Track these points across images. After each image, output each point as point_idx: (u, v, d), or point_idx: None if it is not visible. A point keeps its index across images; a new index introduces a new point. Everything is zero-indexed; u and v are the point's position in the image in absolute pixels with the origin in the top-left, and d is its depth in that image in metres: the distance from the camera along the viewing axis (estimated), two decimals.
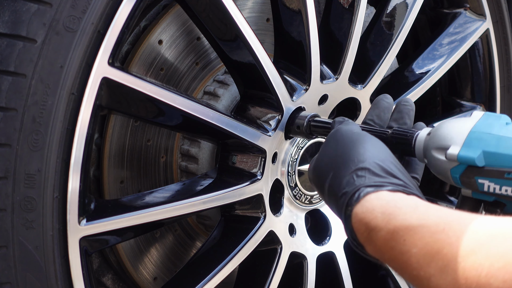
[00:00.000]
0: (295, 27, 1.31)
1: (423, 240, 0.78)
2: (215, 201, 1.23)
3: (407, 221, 0.81)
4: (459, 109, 1.81)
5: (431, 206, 0.83)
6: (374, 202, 0.88)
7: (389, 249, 0.83)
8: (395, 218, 0.83)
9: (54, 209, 1.00)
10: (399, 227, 0.81)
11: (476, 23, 1.69)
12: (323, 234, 1.49)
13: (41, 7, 0.96)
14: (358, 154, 0.96)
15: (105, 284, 1.46)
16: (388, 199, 0.87)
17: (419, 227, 0.79)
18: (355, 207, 0.89)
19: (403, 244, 0.80)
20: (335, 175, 0.97)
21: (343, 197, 0.93)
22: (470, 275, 0.71)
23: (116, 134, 1.35)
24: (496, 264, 0.69)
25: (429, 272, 0.76)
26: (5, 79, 0.95)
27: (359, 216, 0.88)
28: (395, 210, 0.84)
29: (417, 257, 0.78)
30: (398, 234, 0.81)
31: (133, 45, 1.36)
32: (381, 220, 0.84)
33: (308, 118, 1.28)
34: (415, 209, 0.83)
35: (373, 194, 0.89)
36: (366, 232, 0.87)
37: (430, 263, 0.76)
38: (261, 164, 1.30)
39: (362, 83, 1.46)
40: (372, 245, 0.86)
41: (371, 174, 0.92)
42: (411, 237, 0.80)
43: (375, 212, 0.86)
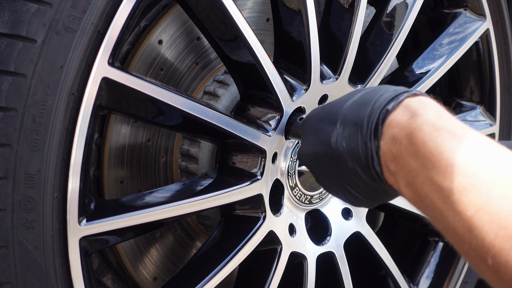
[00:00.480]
0: (295, 27, 1.31)
1: (461, 150, 0.76)
2: (215, 201, 1.23)
3: (455, 129, 0.79)
4: (459, 109, 1.81)
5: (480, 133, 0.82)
6: (429, 100, 0.86)
7: (420, 141, 0.80)
8: (445, 121, 0.81)
9: (54, 209, 1.00)
10: (445, 128, 0.79)
11: (476, 23, 1.69)
12: (323, 234, 1.49)
13: (41, 7, 0.96)
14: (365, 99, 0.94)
15: (105, 284, 1.46)
16: (444, 108, 0.86)
17: (462, 138, 0.78)
18: (409, 97, 0.87)
19: (439, 144, 0.78)
20: (374, 90, 0.93)
21: (391, 92, 0.89)
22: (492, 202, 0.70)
23: (116, 134, 1.35)
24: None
25: (453, 184, 0.74)
26: (5, 79, 0.95)
27: (411, 102, 0.85)
28: (447, 116, 0.83)
29: (447, 163, 0.76)
30: (439, 133, 0.79)
31: (133, 45, 1.36)
32: (431, 114, 0.82)
33: None
34: (465, 126, 0.82)
35: (428, 98, 0.87)
36: (409, 115, 0.84)
37: (458, 175, 0.74)
38: (261, 164, 1.30)
39: (362, 83, 1.46)
40: (404, 131, 0.83)
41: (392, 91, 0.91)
42: (451, 142, 0.77)
43: (429, 106, 0.84)
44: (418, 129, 0.81)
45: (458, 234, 0.73)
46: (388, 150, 0.86)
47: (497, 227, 0.69)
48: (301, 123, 1.16)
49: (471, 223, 0.71)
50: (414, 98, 0.88)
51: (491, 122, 1.78)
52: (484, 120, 1.78)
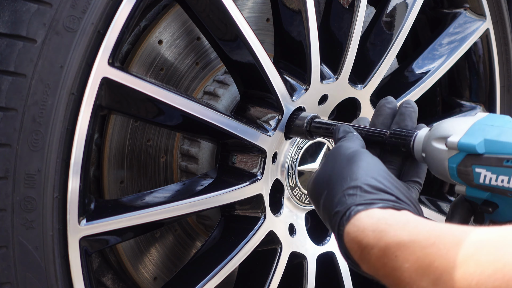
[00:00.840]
0: (295, 27, 1.31)
1: (414, 255, 0.79)
2: (215, 201, 1.23)
3: (398, 237, 0.82)
4: (459, 109, 1.81)
5: (421, 221, 0.85)
6: (364, 221, 0.89)
7: (382, 266, 0.84)
8: (386, 235, 0.84)
9: (54, 209, 1.00)
10: (390, 243, 0.82)
11: (476, 23, 1.69)
12: (323, 234, 1.49)
13: (41, 7, 0.96)
14: (351, 172, 0.98)
15: (105, 284, 1.46)
16: (378, 216, 0.88)
17: (409, 243, 0.80)
18: (346, 226, 0.91)
19: (395, 260, 0.81)
20: (329, 193, 0.98)
21: (335, 216, 0.94)
22: (461, 285, 0.72)
23: (116, 134, 1.35)
24: (486, 272, 0.70)
25: (422, 286, 0.77)
26: (5, 79, 0.95)
27: (351, 235, 0.89)
28: (385, 228, 0.85)
29: (409, 272, 0.79)
30: (389, 251, 0.82)
31: (133, 45, 1.36)
32: (372, 238, 0.86)
33: (308, 119, 1.28)
34: (405, 224, 0.84)
35: (364, 213, 0.90)
36: (359, 250, 0.88)
37: (423, 277, 0.77)
38: (261, 164, 1.30)
39: (362, 83, 1.46)
40: (366, 263, 0.87)
41: (362, 192, 0.94)
42: (402, 253, 0.81)
43: (366, 230, 0.87)
44: (373, 259, 0.85)
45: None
46: (368, 272, 0.90)
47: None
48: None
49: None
50: (350, 226, 0.90)
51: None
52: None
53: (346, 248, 0.91)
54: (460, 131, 0.96)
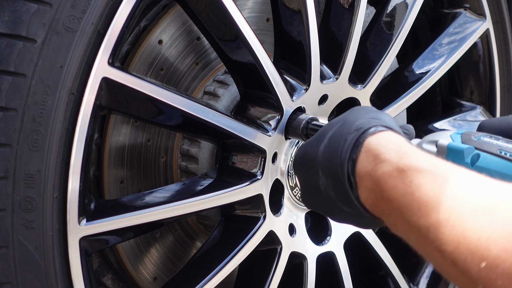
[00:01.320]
0: (295, 27, 1.31)
1: (430, 186, 0.76)
2: (215, 201, 1.23)
3: (419, 164, 0.79)
4: (459, 109, 1.81)
5: (443, 160, 0.82)
6: (390, 138, 0.86)
7: (391, 187, 0.80)
8: (408, 158, 0.81)
9: (54, 209, 1.00)
10: (409, 166, 0.79)
11: (476, 23, 1.69)
12: (323, 234, 1.49)
13: (41, 7, 0.96)
14: (375, 111, 0.95)
15: (105, 284, 1.46)
16: (403, 140, 0.85)
17: (428, 172, 0.77)
18: (369, 137, 0.87)
19: (408, 185, 0.78)
20: (345, 123, 0.93)
21: (354, 132, 0.89)
22: (469, 235, 0.69)
23: (116, 134, 1.35)
24: (498, 232, 0.67)
25: (428, 222, 0.73)
26: (5, 79, 0.95)
27: (372, 146, 0.85)
28: (408, 151, 0.82)
29: (420, 202, 0.75)
30: (406, 174, 0.79)
31: (133, 45, 1.36)
32: (393, 156, 0.82)
33: (305, 121, 1.27)
34: (428, 156, 0.81)
35: (390, 132, 0.87)
36: (373, 163, 0.84)
37: (431, 213, 0.74)
38: (261, 164, 1.30)
39: (362, 83, 1.46)
40: (373, 181, 0.84)
41: (387, 123, 0.91)
42: (418, 180, 0.77)
43: (389, 146, 0.84)
44: (385, 175, 0.82)
45: (445, 270, 0.73)
46: (368, 198, 0.87)
47: (478, 259, 0.68)
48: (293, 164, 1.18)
49: (453, 258, 0.70)
50: (373, 138, 0.87)
51: None
52: None
53: (356, 160, 0.86)
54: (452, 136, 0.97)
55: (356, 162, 0.87)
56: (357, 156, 0.87)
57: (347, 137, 0.90)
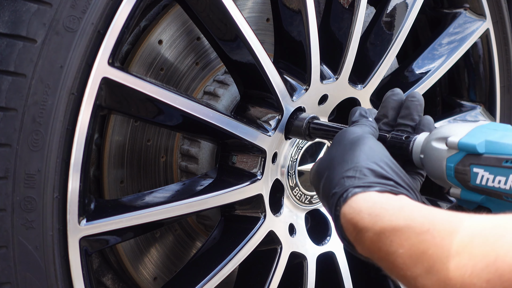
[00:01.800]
0: (295, 27, 1.31)
1: (409, 241, 0.79)
2: (215, 201, 1.23)
3: (393, 222, 0.82)
4: (459, 109, 1.81)
5: (417, 206, 0.84)
6: (361, 203, 0.90)
7: (376, 249, 0.84)
8: (382, 220, 0.84)
9: (54, 209, 1.00)
10: (385, 228, 0.83)
11: (476, 23, 1.69)
12: (323, 234, 1.49)
13: (41, 7, 0.96)
14: (353, 156, 0.98)
15: (105, 284, 1.46)
16: (375, 200, 0.89)
17: (405, 228, 0.81)
18: (343, 207, 0.91)
19: (389, 245, 0.81)
20: (329, 175, 0.99)
21: (333, 197, 0.94)
22: (454, 276, 0.72)
23: (116, 134, 1.35)
24: (479, 265, 0.70)
25: (415, 272, 0.77)
26: (5, 79, 0.95)
27: (347, 216, 0.90)
28: (381, 212, 0.86)
29: (404, 257, 0.79)
30: (384, 235, 0.82)
31: (133, 45, 1.36)
32: (368, 221, 0.86)
33: (307, 120, 1.27)
34: (400, 209, 0.84)
35: (361, 195, 0.91)
36: (355, 232, 0.88)
37: (416, 264, 0.77)
38: (261, 164, 1.30)
39: (362, 83, 1.46)
40: (361, 245, 0.88)
41: (361, 175, 0.94)
42: (397, 238, 0.81)
43: (362, 213, 0.88)
44: (368, 241, 0.86)
45: None
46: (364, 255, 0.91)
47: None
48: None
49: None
50: (346, 207, 0.91)
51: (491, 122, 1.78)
52: (484, 120, 1.78)
53: (342, 228, 0.91)
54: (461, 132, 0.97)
55: (343, 230, 0.92)
56: (341, 225, 0.92)
57: (329, 201, 0.96)
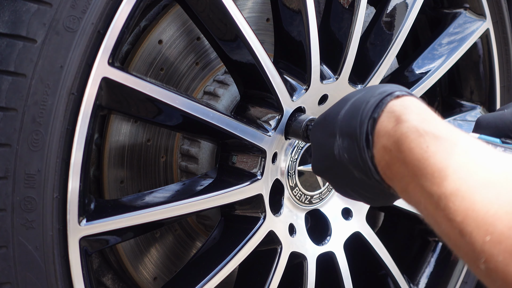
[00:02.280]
0: (295, 27, 1.31)
1: (446, 154, 0.77)
2: (215, 201, 1.23)
3: (438, 131, 0.80)
4: (459, 109, 1.81)
5: (461, 131, 0.82)
6: (413, 102, 0.87)
7: (407, 149, 0.81)
8: (428, 123, 0.82)
9: (54, 209, 1.00)
10: (428, 132, 0.80)
11: (476, 23, 1.69)
12: (323, 234, 1.49)
13: (41, 7, 0.96)
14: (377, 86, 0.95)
15: (105, 284, 1.46)
16: (425, 107, 0.86)
17: (446, 141, 0.78)
18: (393, 100, 0.88)
19: (425, 150, 0.79)
20: (369, 91, 0.94)
21: (378, 95, 0.90)
22: (478, 208, 0.70)
23: (116, 134, 1.35)
24: (505, 208, 0.68)
25: (440, 190, 0.74)
26: (5, 79, 0.95)
27: (395, 107, 0.86)
28: (430, 117, 0.83)
29: (434, 169, 0.76)
30: (424, 138, 0.80)
31: (133, 45, 1.36)
32: (415, 119, 0.83)
33: (305, 122, 1.27)
34: (448, 125, 0.83)
35: (413, 98, 0.88)
36: (394, 123, 0.85)
37: (444, 181, 0.75)
38: (261, 164, 1.30)
39: (362, 83, 1.46)
40: (391, 140, 0.84)
41: (411, 93, 0.91)
42: (435, 147, 0.78)
43: (411, 109, 0.85)
44: (404, 136, 0.82)
45: (451, 239, 0.74)
46: (382, 159, 0.87)
47: (484, 233, 0.69)
48: (309, 135, 1.18)
49: (461, 229, 0.71)
50: (397, 101, 0.88)
51: None
52: None
53: (377, 119, 0.87)
54: None
55: (377, 121, 0.88)
56: (379, 115, 0.88)
57: (370, 99, 0.91)
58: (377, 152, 0.87)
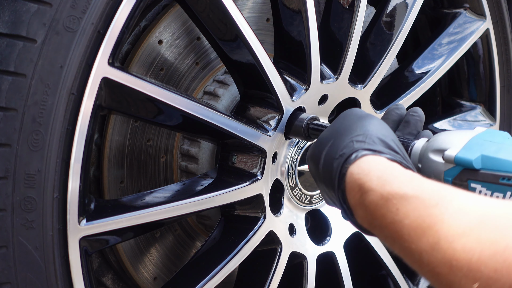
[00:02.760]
0: (295, 27, 1.31)
1: (416, 212, 0.76)
2: (215, 201, 1.23)
3: (402, 190, 0.79)
4: (459, 109, 1.81)
5: (427, 180, 0.82)
6: (371, 165, 0.86)
7: (380, 216, 0.81)
8: (390, 185, 0.81)
9: (54, 209, 1.00)
10: (393, 194, 0.80)
11: (476, 23, 1.69)
12: (323, 234, 1.49)
13: (41, 7, 0.96)
14: (362, 125, 0.95)
15: (105, 284, 1.46)
16: (385, 165, 0.86)
17: (413, 198, 0.78)
18: (351, 166, 0.88)
19: (395, 213, 0.78)
20: (335, 142, 0.95)
21: (339, 158, 0.91)
22: (461, 257, 0.70)
23: (116, 134, 1.35)
24: (487, 251, 0.68)
25: (420, 247, 0.74)
26: (5, 79, 0.95)
27: (354, 176, 0.86)
28: (391, 177, 0.82)
29: (409, 229, 0.76)
30: (391, 202, 0.79)
31: (133, 45, 1.36)
32: (375, 184, 0.83)
33: (306, 121, 1.28)
34: (411, 180, 0.82)
35: (371, 157, 0.88)
36: (359, 193, 0.85)
37: (422, 238, 0.74)
38: (261, 164, 1.30)
39: (362, 83, 1.46)
40: (363, 210, 0.85)
41: (371, 141, 0.91)
42: (404, 207, 0.78)
43: (370, 174, 0.85)
44: (372, 205, 0.83)
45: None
46: (363, 223, 0.88)
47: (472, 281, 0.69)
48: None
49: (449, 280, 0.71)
50: (354, 166, 0.89)
51: (491, 122, 1.78)
52: (484, 120, 1.78)
53: (345, 190, 0.88)
54: (458, 144, 0.96)
55: (345, 193, 0.89)
56: (343, 186, 0.89)
57: (333, 163, 0.93)
58: (358, 217, 0.89)
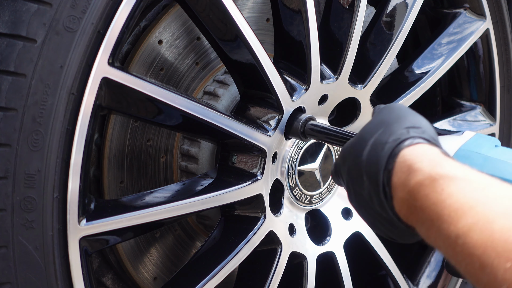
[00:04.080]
0: (295, 27, 1.31)
1: (462, 193, 0.77)
2: (215, 201, 1.23)
3: (452, 172, 0.80)
4: (459, 109, 1.81)
5: (479, 171, 0.83)
6: (426, 151, 0.87)
7: (422, 196, 0.81)
8: (441, 167, 0.82)
9: (54, 209, 1.00)
10: (442, 175, 0.80)
11: (476, 23, 1.69)
12: (323, 234, 1.49)
13: (41, 7, 0.96)
14: (415, 117, 0.95)
15: (105, 284, 1.46)
16: (439, 153, 0.86)
17: (461, 180, 0.79)
18: (405, 149, 0.88)
19: (440, 193, 0.79)
20: (386, 130, 0.94)
21: (392, 142, 0.90)
22: (497, 237, 0.70)
23: (116, 134, 1.35)
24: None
25: (458, 228, 0.74)
26: (5, 79, 0.95)
27: (406, 157, 0.87)
28: (443, 162, 0.83)
29: (450, 209, 0.76)
30: (438, 182, 0.80)
31: (133, 45, 1.36)
32: (426, 165, 0.83)
33: (302, 121, 1.29)
34: (462, 166, 0.83)
35: (426, 145, 0.88)
36: (407, 173, 0.85)
37: (461, 219, 0.75)
38: (261, 164, 1.30)
39: (362, 83, 1.46)
40: (406, 191, 0.85)
41: (426, 134, 0.91)
42: (450, 188, 0.78)
43: (423, 157, 0.85)
44: (418, 185, 0.83)
45: (473, 275, 0.74)
46: (401, 208, 0.88)
47: (505, 261, 0.69)
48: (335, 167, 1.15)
49: (482, 261, 0.72)
50: (409, 149, 0.89)
51: (491, 122, 1.78)
52: (484, 120, 1.78)
53: (392, 170, 0.88)
54: None
55: (391, 173, 0.88)
56: (392, 166, 0.88)
57: (384, 146, 0.92)
58: (396, 203, 0.88)
